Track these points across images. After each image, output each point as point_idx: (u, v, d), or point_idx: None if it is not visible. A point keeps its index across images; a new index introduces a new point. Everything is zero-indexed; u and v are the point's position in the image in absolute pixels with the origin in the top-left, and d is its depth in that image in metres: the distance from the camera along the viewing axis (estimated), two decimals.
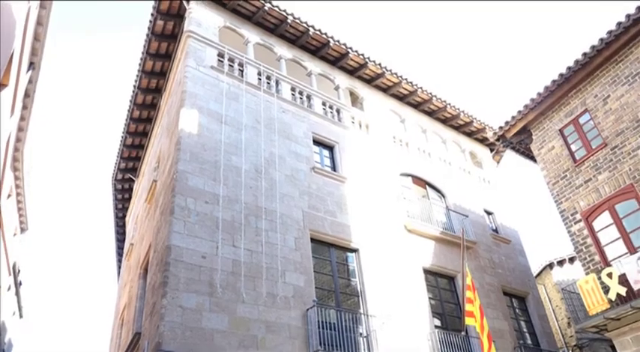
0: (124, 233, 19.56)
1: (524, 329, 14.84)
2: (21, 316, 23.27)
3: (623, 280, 9.92)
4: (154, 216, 11.51)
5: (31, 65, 11.16)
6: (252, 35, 14.05)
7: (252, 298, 9.48)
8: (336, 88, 15.51)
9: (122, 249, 19.34)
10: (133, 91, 15.04)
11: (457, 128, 18.52)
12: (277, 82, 13.74)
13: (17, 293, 20.92)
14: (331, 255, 11.72)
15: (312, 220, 11.61)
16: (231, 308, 9.11)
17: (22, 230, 19.44)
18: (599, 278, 10.37)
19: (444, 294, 13.50)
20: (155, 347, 8.17)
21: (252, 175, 11.26)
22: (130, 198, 18.69)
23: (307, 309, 10.06)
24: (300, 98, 14.12)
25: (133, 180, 17.77)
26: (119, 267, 19.81)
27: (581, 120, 12.60)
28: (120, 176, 18.06)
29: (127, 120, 15.98)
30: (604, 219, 11.40)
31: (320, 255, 11.48)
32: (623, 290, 9.83)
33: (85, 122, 55.85)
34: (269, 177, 11.54)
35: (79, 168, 55.99)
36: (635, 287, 9.72)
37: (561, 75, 12.57)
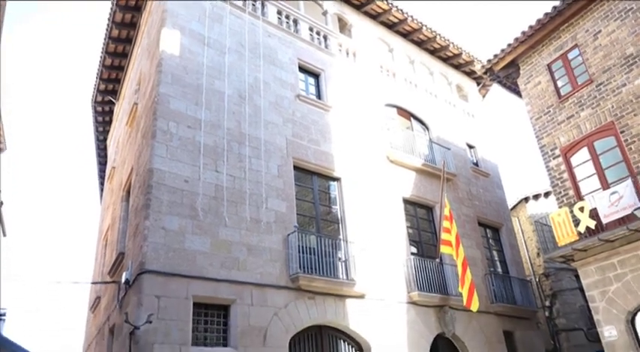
0: (105, 156, 19.41)
1: (496, 258, 15.53)
2: (4, 234, 23.46)
3: (594, 214, 10.29)
4: (136, 140, 11.39)
5: None
6: None
7: (234, 222, 9.66)
8: (324, 13, 14.98)
9: (104, 171, 19.27)
10: (112, 9, 14.32)
11: (445, 60, 18.24)
12: (263, 4, 13.20)
13: None
14: (313, 182, 11.86)
15: (295, 148, 11.62)
16: (213, 231, 9.30)
17: (0, 149, 19.14)
18: (572, 211, 10.73)
19: (422, 223, 13.91)
20: (139, 266, 8.39)
21: (235, 101, 11.08)
22: (110, 121, 18.37)
23: (288, 234, 10.32)
24: (287, 22, 13.64)
25: (114, 103, 17.38)
26: (101, 190, 19.84)
27: (570, 56, 12.47)
28: (100, 98, 17.60)
29: (105, 39, 15.32)
30: (582, 156, 11.62)
31: (302, 183, 11.62)
32: (592, 224, 10.22)
33: (63, 40, 53.53)
34: (253, 103, 11.39)
35: (58, 88, 54.33)
36: (605, 221, 10.11)
37: (554, 7, 12.27)
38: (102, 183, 19.99)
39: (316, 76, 13.64)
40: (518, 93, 14.52)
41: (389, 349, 10.87)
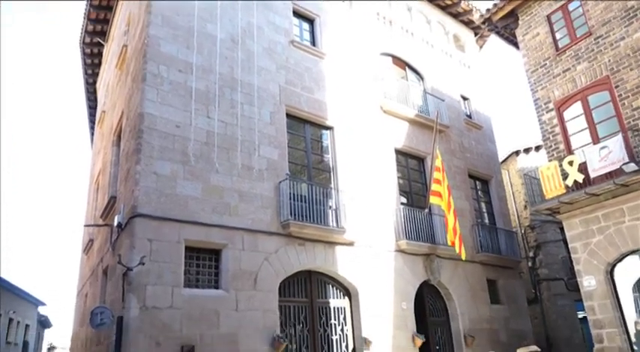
0: (95, 99, 19.10)
1: (484, 210, 15.79)
2: None
3: (583, 168, 10.40)
4: (126, 83, 11.18)
5: None
6: None
7: (225, 168, 9.68)
8: None
9: (94, 116, 19.02)
10: None
11: (443, 8, 17.75)
12: None
13: None
14: (306, 131, 11.82)
15: (288, 95, 11.49)
16: (205, 176, 9.33)
17: None
18: (561, 165, 10.84)
19: (413, 174, 14.03)
20: (131, 209, 8.45)
21: (228, 45, 10.83)
22: (100, 63, 17.95)
23: (280, 182, 10.39)
24: None
25: (103, 45, 16.92)
26: (92, 134, 19.67)
27: (571, 7, 12.20)
28: (88, 39, 17.09)
29: None
30: (575, 110, 11.60)
31: (295, 131, 11.57)
32: (580, 177, 10.35)
33: None
34: (245, 48, 11.14)
35: (46, 29, 52.64)
36: (593, 175, 10.25)
37: None
38: (92, 128, 19.79)
39: (311, 21, 13.29)
40: (515, 44, 14.28)
41: (376, 294, 11.23)
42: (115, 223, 9.00)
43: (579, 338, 17.97)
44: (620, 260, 10.29)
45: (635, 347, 9.85)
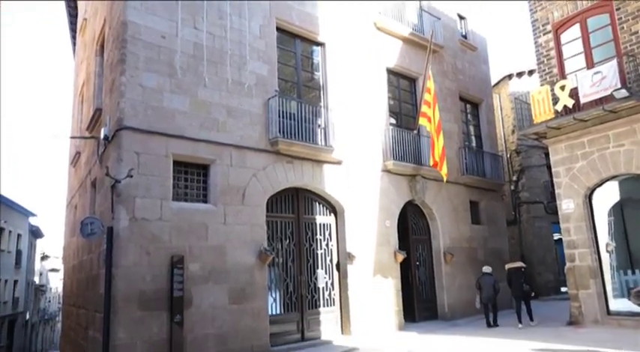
0: (75, 7, 18.12)
1: (472, 133, 15.87)
2: None
3: (574, 93, 10.35)
4: None
5: None
6: None
7: (213, 83, 9.47)
8: None
9: (75, 24, 18.17)
10: None
11: None
12: None
13: None
14: (296, 46, 11.46)
15: (278, 8, 11.00)
16: (192, 90, 9.13)
17: None
18: (553, 89, 10.77)
19: (403, 95, 13.88)
20: (117, 122, 8.33)
21: None
22: None
23: (269, 98, 10.23)
24: None
25: None
26: (74, 44, 18.89)
27: None
28: None
29: None
30: (573, 33, 11.34)
31: (285, 46, 11.22)
32: (570, 103, 10.34)
33: None
34: None
35: None
36: (583, 101, 10.22)
37: None
38: (74, 37, 18.97)
39: None
40: None
41: (361, 212, 11.51)
42: (102, 136, 8.87)
43: (552, 257, 18.90)
44: (599, 185, 10.57)
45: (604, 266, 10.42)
